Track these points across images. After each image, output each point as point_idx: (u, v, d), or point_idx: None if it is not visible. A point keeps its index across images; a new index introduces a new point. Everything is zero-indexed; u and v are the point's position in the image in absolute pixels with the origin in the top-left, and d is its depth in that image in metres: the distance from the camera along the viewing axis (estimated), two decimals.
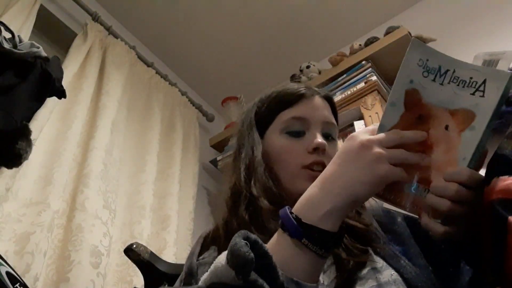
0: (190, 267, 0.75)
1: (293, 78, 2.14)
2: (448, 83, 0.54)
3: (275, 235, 0.56)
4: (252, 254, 0.47)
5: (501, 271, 0.44)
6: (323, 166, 0.75)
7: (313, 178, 0.69)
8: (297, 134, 0.81)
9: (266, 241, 0.54)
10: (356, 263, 0.64)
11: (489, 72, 0.53)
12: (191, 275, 0.74)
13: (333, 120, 0.86)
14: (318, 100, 0.85)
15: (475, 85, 0.53)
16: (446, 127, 0.53)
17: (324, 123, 0.82)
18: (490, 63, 0.56)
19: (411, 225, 0.71)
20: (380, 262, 0.66)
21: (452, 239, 0.53)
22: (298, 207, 0.56)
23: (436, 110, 0.54)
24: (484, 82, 0.53)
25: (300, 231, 0.52)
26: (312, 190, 0.56)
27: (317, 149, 0.77)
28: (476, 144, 0.51)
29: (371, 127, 0.57)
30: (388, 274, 0.63)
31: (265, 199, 0.74)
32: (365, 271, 0.64)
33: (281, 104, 0.85)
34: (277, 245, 0.55)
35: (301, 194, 0.68)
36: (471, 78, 0.53)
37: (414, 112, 0.54)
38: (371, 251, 0.67)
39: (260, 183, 0.77)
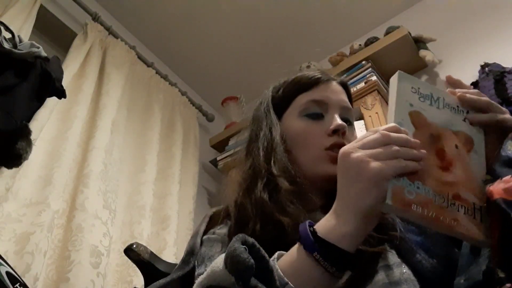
0: (192, 246, 0.74)
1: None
2: (443, 107, 0.57)
3: (294, 247, 0.53)
4: (252, 260, 0.47)
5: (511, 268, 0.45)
6: None
7: (334, 159, 0.68)
8: (316, 117, 0.80)
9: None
10: (371, 254, 0.61)
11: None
12: (191, 254, 0.73)
13: (350, 105, 0.86)
14: (335, 85, 0.85)
15: (463, 113, 0.58)
16: (456, 146, 0.55)
17: (342, 107, 0.82)
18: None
19: None
20: (393, 258, 0.63)
21: None
22: (319, 224, 0.53)
23: (443, 130, 0.55)
24: (467, 112, 0.58)
25: (314, 245, 0.50)
26: (333, 211, 0.54)
27: (337, 131, 0.76)
28: (484, 169, 0.54)
29: (359, 138, 0.54)
30: (400, 272, 0.61)
31: (285, 179, 0.72)
32: (378, 266, 0.62)
33: (298, 87, 0.84)
34: (289, 255, 0.53)
35: (322, 177, 0.72)
36: (457, 106, 0.58)
37: (424, 132, 0.54)
38: (386, 244, 0.64)
39: (279, 163, 0.75)
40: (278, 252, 0.55)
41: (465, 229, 0.49)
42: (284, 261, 0.53)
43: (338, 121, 0.77)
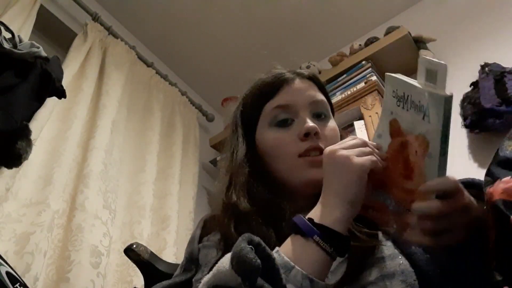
0: (191, 252, 0.75)
1: None
2: (409, 109, 0.55)
3: (288, 239, 0.57)
4: (258, 261, 0.47)
5: (508, 271, 0.45)
6: (319, 150, 0.73)
7: (312, 163, 0.73)
8: (286, 123, 0.78)
9: None
10: (364, 249, 0.63)
11: (429, 96, 0.51)
12: (191, 261, 0.74)
13: (321, 97, 0.82)
14: (299, 83, 0.81)
15: (423, 109, 0.52)
16: (416, 152, 0.54)
17: (311, 103, 0.79)
18: (432, 74, 0.52)
19: None
20: (389, 249, 0.64)
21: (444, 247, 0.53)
22: (310, 214, 0.59)
23: (409, 136, 0.56)
24: (427, 106, 0.51)
25: (312, 229, 0.55)
26: (320, 203, 0.59)
27: (309, 134, 0.74)
28: (436, 172, 0.50)
29: (340, 143, 0.61)
30: (396, 263, 0.61)
31: (245, 200, 0.72)
32: (372, 259, 0.63)
33: (263, 96, 0.82)
34: (287, 245, 0.56)
35: (305, 183, 0.73)
36: (419, 101, 0.53)
37: (397, 140, 0.57)
38: (380, 236, 0.66)
39: (239, 186, 0.75)
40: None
41: (411, 234, 0.55)
42: (284, 249, 0.56)
43: (309, 123, 0.75)
